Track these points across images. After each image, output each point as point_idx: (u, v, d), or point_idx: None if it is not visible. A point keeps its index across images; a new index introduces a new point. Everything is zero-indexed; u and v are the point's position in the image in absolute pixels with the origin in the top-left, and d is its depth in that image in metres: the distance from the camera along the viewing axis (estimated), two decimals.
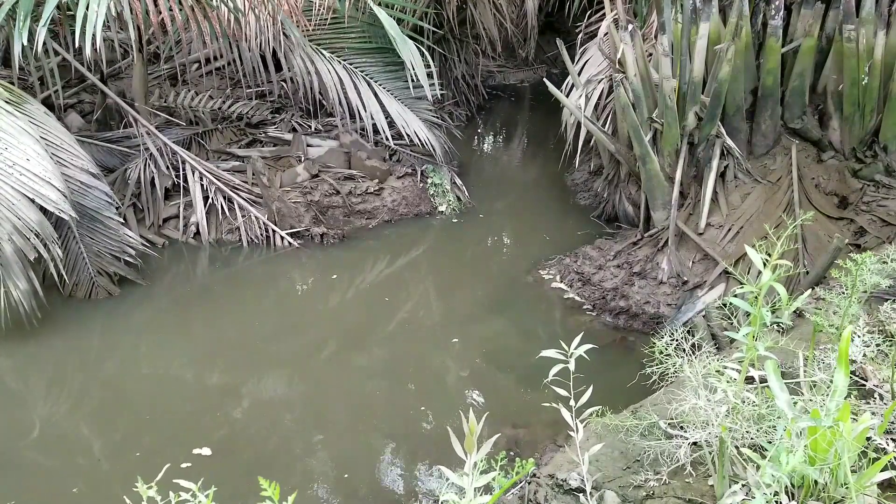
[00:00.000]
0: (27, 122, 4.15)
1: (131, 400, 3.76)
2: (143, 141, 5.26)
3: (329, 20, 5.67)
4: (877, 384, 2.32)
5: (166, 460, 1.90)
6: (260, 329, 4.39)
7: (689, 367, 2.02)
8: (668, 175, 4.59)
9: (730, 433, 1.86)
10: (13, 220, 3.86)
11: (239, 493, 3.02)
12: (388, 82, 5.84)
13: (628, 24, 4.72)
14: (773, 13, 4.31)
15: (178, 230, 5.23)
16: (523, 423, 3.51)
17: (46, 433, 3.52)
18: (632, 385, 2.80)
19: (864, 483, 1.75)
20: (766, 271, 1.85)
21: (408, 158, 6.00)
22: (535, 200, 6.20)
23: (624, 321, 4.39)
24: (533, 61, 9.19)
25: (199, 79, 6.46)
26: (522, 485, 2.34)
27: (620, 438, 2.32)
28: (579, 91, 5.25)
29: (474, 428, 1.65)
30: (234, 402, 3.75)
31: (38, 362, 3.98)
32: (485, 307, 4.59)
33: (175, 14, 4.21)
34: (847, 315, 2.37)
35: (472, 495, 1.59)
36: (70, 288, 4.41)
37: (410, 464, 3.38)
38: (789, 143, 4.58)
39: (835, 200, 4.34)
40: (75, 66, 5.30)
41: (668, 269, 4.43)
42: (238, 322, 4.42)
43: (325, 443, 3.51)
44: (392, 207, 5.69)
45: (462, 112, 7.56)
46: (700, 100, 4.40)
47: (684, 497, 2.07)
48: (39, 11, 4.12)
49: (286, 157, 5.75)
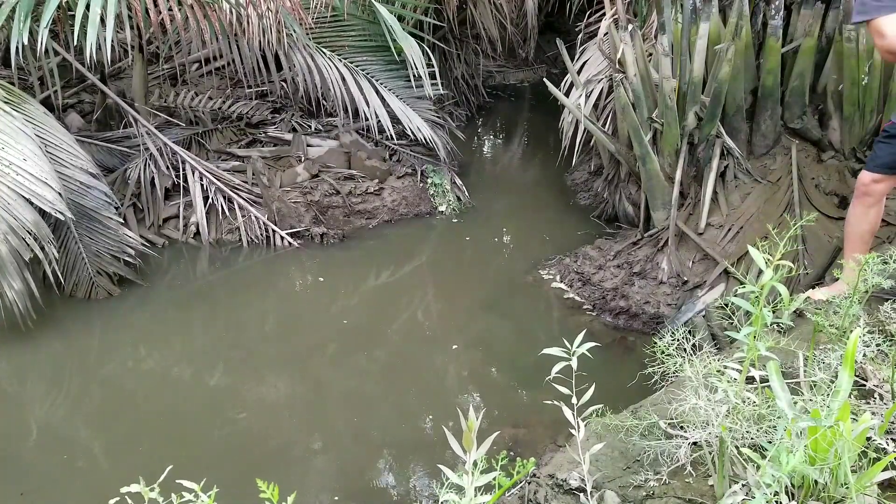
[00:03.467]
0: (25, 122, 4.15)
1: (131, 400, 3.76)
2: (143, 141, 5.26)
3: (329, 18, 5.67)
4: (877, 384, 2.32)
5: (166, 460, 1.89)
6: (260, 329, 4.39)
7: (690, 367, 2.01)
8: (668, 175, 4.59)
9: (730, 433, 1.86)
10: (9, 220, 3.85)
11: (239, 494, 3.02)
12: (390, 81, 5.84)
13: (628, 23, 4.72)
14: (773, 13, 4.30)
15: (178, 230, 5.23)
16: (523, 422, 3.51)
17: (46, 433, 3.51)
18: (632, 385, 2.80)
19: (864, 483, 1.75)
20: (767, 271, 1.84)
21: (408, 158, 6.00)
22: (535, 200, 6.20)
23: (624, 321, 4.39)
24: (533, 61, 9.19)
25: (199, 79, 6.46)
26: (522, 485, 2.34)
27: (620, 438, 2.31)
28: (579, 91, 5.25)
29: (473, 425, 1.64)
30: (234, 403, 3.75)
31: (38, 362, 3.98)
32: (484, 307, 4.59)
33: (175, 13, 4.21)
34: (848, 315, 2.37)
35: (472, 494, 1.59)
36: (69, 288, 4.41)
37: (410, 464, 3.38)
38: (789, 143, 4.58)
39: (835, 200, 4.34)
40: (75, 66, 5.30)
41: (668, 269, 4.43)
42: (238, 322, 4.42)
43: (326, 443, 3.51)
44: (392, 207, 5.69)
45: (462, 112, 7.56)
46: (700, 100, 4.40)
47: (684, 497, 2.07)
48: (39, 11, 4.12)
49: (286, 157, 5.75)
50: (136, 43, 5.23)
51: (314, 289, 4.89)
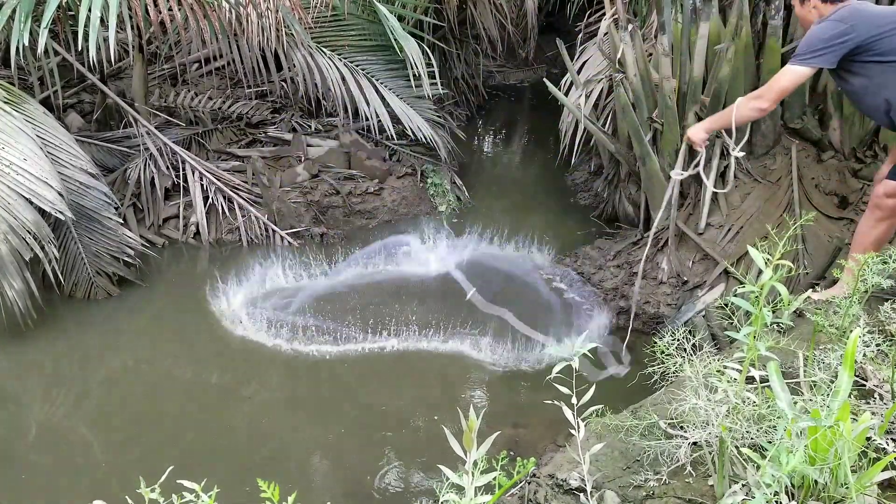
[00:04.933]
0: (25, 122, 4.15)
1: (131, 400, 3.76)
2: (143, 141, 5.26)
3: (329, 17, 5.67)
4: (877, 384, 2.32)
5: (166, 461, 1.89)
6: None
7: (690, 367, 2.01)
8: (668, 175, 4.58)
9: (730, 433, 1.86)
10: (9, 220, 3.85)
11: (239, 494, 3.02)
12: (390, 80, 5.84)
13: (628, 23, 4.71)
14: (773, 13, 4.30)
15: (178, 230, 5.23)
16: (523, 423, 3.51)
17: (45, 433, 3.51)
18: (632, 385, 2.80)
19: (864, 483, 1.75)
20: (767, 271, 1.85)
21: (408, 158, 6.00)
22: (534, 200, 6.21)
23: (624, 321, 4.39)
24: (533, 61, 9.20)
25: (199, 79, 6.46)
26: (522, 485, 2.34)
27: (620, 438, 2.32)
28: (579, 91, 5.25)
29: (473, 425, 1.64)
30: (235, 403, 3.75)
31: (37, 362, 3.98)
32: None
33: (175, 13, 4.21)
34: (848, 315, 2.37)
35: (472, 494, 1.59)
36: (69, 288, 4.41)
37: (409, 464, 3.38)
38: (789, 143, 4.58)
39: (835, 200, 4.34)
40: (75, 66, 5.30)
41: (668, 269, 4.43)
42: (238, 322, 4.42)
43: (326, 443, 3.51)
44: (392, 207, 5.69)
45: (462, 112, 7.56)
46: (700, 100, 4.40)
47: (684, 497, 2.07)
48: (40, 11, 4.12)
49: (286, 157, 5.75)
50: (136, 43, 5.23)
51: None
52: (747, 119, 3.53)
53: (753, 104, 3.37)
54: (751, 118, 3.53)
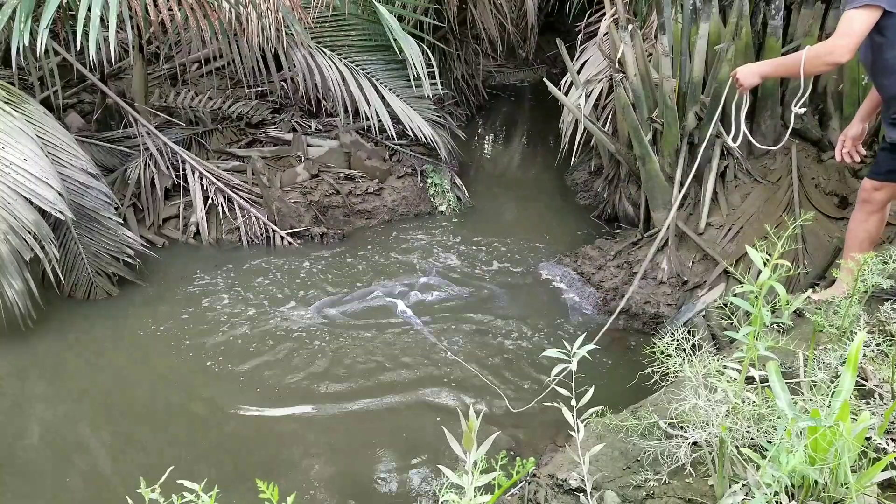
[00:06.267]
0: (25, 122, 4.15)
1: (131, 400, 3.76)
2: (143, 141, 5.26)
3: (329, 17, 5.67)
4: (877, 384, 2.32)
5: (167, 461, 1.89)
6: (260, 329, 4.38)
7: (690, 367, 2.01)
8: (668, 175, 4.59)
9: (730, 433, 1.86)
10: (9, 220, 3.85)
11: (239, 494, 3.02)
12: (390, 80, 5.84)
13: (628, 23, 4.72)
14: (773, 13, 4.30)
15: (178, 230, 5.23)
16: (523, 423, 3.51)
17: (45, 433, 3.51)
18: (632, 385, 2.80)
19: (864, 483, 1.75)
20: (766, 270, 1.84)
21: (408, 158, 6.00)
22: (534, 200, 6.21)
23: (624, 321, 4.39)
24: (533, 61, 9.20)
25: (199, 79, 6.46)
26: (522, 485, 2.34)
27: (620, 438, 2.32)
28: (579, 91, 5.25)
29: (473, 425, 1.64)
30: (235, 402, 3.75)
31: (37, 363, 3.98)
32: (483, 307, 4.59)
33: (175, 13, 4.21)
34: (848, 315, 2.37)
35: (472, 494, 1.59)
36: (69, 288, 4.41)
37: (409, 465, 3.37)
38: (789, 143, 4.58)
39: (835, 200, 4.34)
40: (75, 66, 5.30)
41: (668, 269, 4.43)
42: (238, 322, 4.42)
43: (326, 443, 3.51)
44: (392, 207, 5.69)
45: (462, 112, 7.57)
46: (700, 100, 4.40)
47: (684, 497, 2.07)
48: (40, 11, 4.12)
49: (286, 157, 5.75)
50: (136, 43, 5.23)
51: (314, 288, 4.88)
52: (817, 73, 3.22)
53: (828, 59, 2.87)
54: (821, 73, 3.23)
